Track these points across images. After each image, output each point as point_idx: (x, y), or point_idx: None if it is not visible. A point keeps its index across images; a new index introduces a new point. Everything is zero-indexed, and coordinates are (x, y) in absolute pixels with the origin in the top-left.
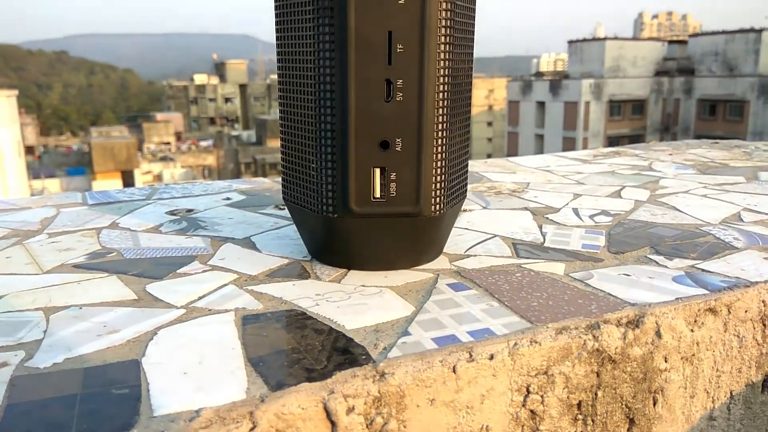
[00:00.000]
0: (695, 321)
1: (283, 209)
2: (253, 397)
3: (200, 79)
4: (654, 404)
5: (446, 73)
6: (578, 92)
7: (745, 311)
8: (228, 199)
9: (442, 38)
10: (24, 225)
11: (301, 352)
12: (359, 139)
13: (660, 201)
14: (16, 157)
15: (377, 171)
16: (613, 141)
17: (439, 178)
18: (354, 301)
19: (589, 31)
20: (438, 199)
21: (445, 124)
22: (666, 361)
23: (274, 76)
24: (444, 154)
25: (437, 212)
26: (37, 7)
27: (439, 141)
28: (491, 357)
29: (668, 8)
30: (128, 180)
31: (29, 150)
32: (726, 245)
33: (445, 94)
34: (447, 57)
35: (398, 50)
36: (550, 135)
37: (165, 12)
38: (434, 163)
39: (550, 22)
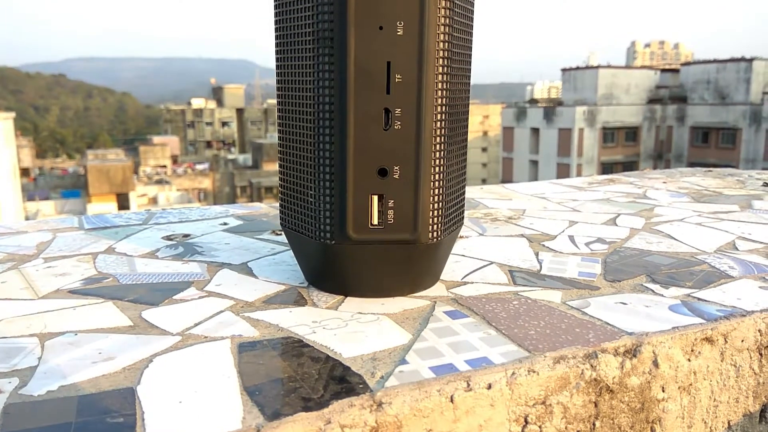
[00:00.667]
0: (692, 350)
1: (280, 235)
2: (249, 427)
3: (198, 103)
4: None
5: (444, 102)
6: (572, 119)
7: (742, 340)
8: (225, 224)
9: (440, 68)
10: (20, 249)
11: (297, 381)
12: (357, 167)
13: (655, 229)
14: (11, 179)
15: (375, 198)
16: (606, 167)
17: (436, 205)
18: (351, 328)
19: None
20: (435, 226)
21: (442, 152)
22: (663, 391)
23: (271, 101)
24: (441, 182)
25: (434, 239)
26: (37, 31)
27: (437, 169)
28: (489, 386)
29: (660, 37)
30: (123, 203)
31: (24, 172)
32: (721, 274)
33: (443, 122)
34: (444, 87)
35: (397, 80)
36: (544, 161)
37: (164, 36)
38: (432, 191)
39: (544, 51)
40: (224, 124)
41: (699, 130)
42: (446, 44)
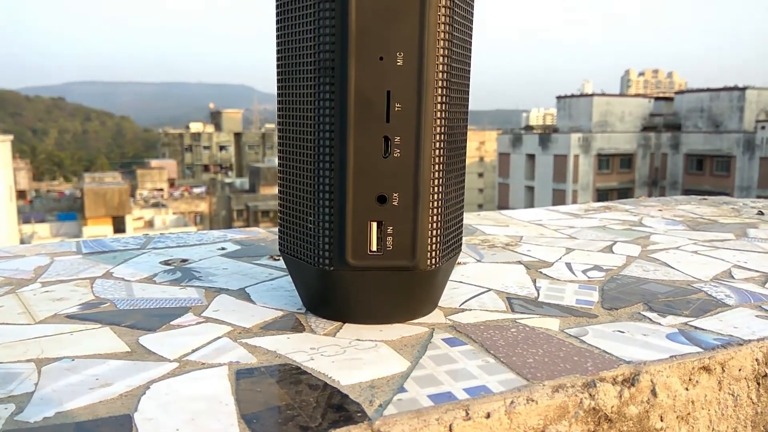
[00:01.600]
0: (690, 379)
1: (278, 260)
2: None
3: (196, 127)
4: None
5: (442, 130)
6: (567, 146)
7: (739, 369)
8: (223, 249)
9: (439, 98)
10: (17, 273)
11: (295, 409)
12: (357, 193)
13: (651, 257)
14: (7, 202)
15: (374, 225)
16: (602, 194)
17: (435, 232)
18: (349, 355)
19: (577, 87)
20: (434, 252)
21: (441, 180)
22: (662, 420)
23: (269, 125)
24: (440, 209)
25: (433, 266)
26: (37, 54)
27: (435, 196)
28: (488, 415)
29: (654, 66)
30: (119, 226)
31: (21, 194)
32: (718, 302)
33: (441, 150)
34: (443, 115)
35: (396, 109)
36: (540, 187)
37: (164, 61)
38: (430, 218)
39: (539, 78)
40: (222, 148)
41: (693, 157)
42: (445, 74)
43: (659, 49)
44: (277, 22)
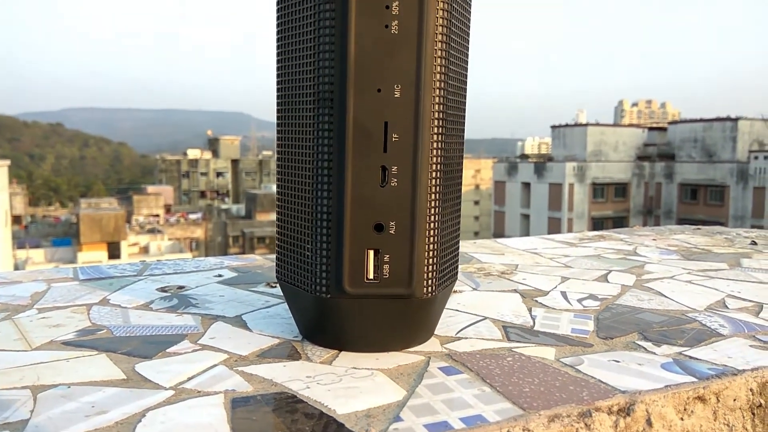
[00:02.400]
0: (685, 409)
1: (275, 287)
2: None
3: (193, 153)
4: None
5: (439, 160)
6: (562, 174)
7: (734, 399)
8: (220, 276)
9: (435, 128)
10: (14, 299)
11: None
12: (354, 222)
13: (646, 286)
14: (2, 227)
15: (371, 253)
16: (597, 222)
17: (431, 260)
18: (345, 383)
19: (571, 116)
20: (430, 281)
21: (437, 209)
22: None
23: (267, 152)
24: (436, 237)
25: (429, 294)
26: (36, 80)
27: (432, 225)
28: None
29: (647, 96)
30: (114, 252)
31: (16, 219)
32: (712, 332)
33: (438, 180)
34: (439, 146)
35: (393, 139)
36: (535, 215)
37: (163, 88)
38: (427, 246)
39: (534, 108)
40: (219, 174)
41: (687, 187)
42: (441, 106)
43: (652, 80)
44: (278, 53)
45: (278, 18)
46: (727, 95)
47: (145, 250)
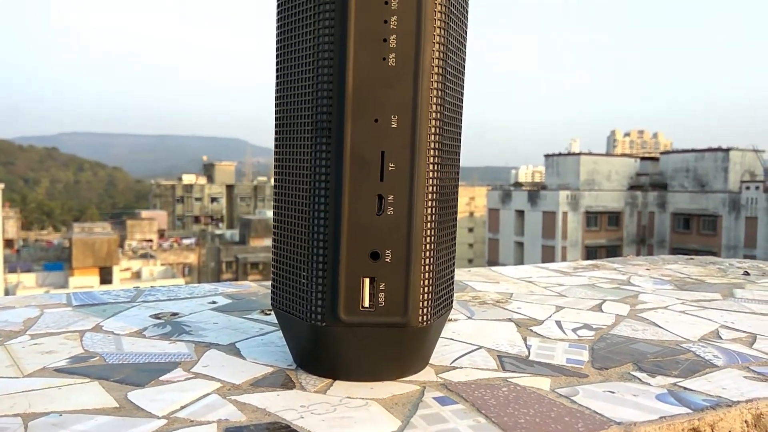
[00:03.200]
0: None
1: (269, 314)
2: None
3: (188, 178)
4: None
5: (434, 189)
6: (556, 203)
7: (729, 431)
8: (214, 302)
9: (431, 158)
10: (6, 325)
11: None
12: (350, 250)
13: (640, 316)
14: None
15: (367, 281)
16: (591, 251)
17: (426, 289)
18: (340, 413)
19: (564, 145)
20: (425, 309)
21: (433, 237)
22: None
23: (262, 178)
24: (432, 266)
25: (425, 323)
26: (32, 104)
27: (427, 253)
28: None
29: (639, 126)
30: (106, 277)
31: (8, 243)
32: (706, 363)
33: (434, 209)
34: (435, 175)
35: (390, 168)
36: (529, 242)
37: (159, 113)
38: (422, 275)
39: (527, 137)
40: (213, 199)
41: (680, 216)
42: (437, 136)
43: (644, 110)
44: (277, 82)
45: (278, 48)
46: (718, 125)
47: (137, 275)
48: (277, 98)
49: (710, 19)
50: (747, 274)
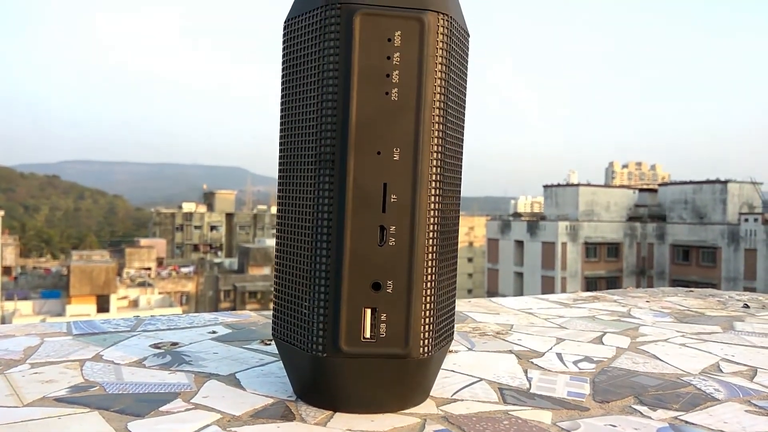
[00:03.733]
0: None
1: (270, 344)
2: None
3: (188, 207)
4: None
5: (436, 221)
6: (555, 233)
7: None
8: (214, 332)
9: (433, 190)
10: (6, 354)
11: None
12: (352, 280)
13: (641, 349)
14: None
15: (368, 311)
16: (590, 281)
17: (428, 320)
18: None
19: (563, 176)
20: (426, 341)
21: (434, 269)
22: None
23: (262, 206)
24: (433, 297)
25: (426, 354)
26: (34, 133)
27: (429, 284)
28: None
29: (637, 158)
30: (103, 305)
31: (6, 271)
32: (707, 396)
33: (435, 240)
34: (436, 207)
35: (392, 200)
36: (529, 273)
37: (160, 142)
38: (423, 306)
39: (526, 167)
40: (213, 228)
41: (679, 248)
42: (438, 168)
43: (642, 142)
44: (282, 114)
45: (283, 80)
46: (716, 157)
47: (134, 303)
48: (281, 130)
49: (710, 52)
50: (747, 306)
